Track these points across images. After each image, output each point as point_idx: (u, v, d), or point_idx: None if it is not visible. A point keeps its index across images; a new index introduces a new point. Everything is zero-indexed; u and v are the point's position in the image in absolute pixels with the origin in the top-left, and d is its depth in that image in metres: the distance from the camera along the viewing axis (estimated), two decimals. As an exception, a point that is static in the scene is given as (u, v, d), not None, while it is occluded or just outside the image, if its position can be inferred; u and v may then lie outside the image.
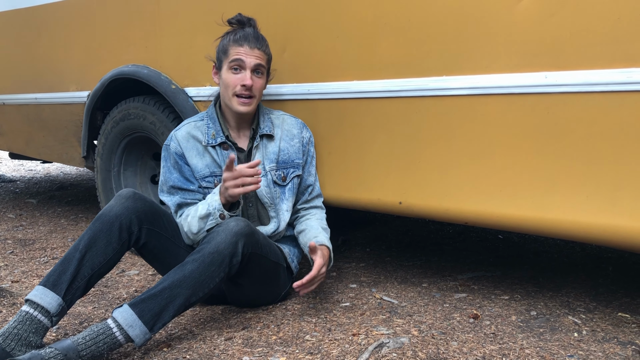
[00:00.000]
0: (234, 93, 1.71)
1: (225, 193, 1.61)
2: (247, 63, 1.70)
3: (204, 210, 1.65)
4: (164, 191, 1.79)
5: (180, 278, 1.45)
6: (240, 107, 1.72)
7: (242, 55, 1.70)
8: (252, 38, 1.71)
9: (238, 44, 1.71)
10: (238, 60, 1.70)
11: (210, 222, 1.65)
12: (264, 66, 1.75)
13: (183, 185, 1.76)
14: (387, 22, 1.67)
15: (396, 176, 1.72)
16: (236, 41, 1.71)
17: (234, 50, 1.71)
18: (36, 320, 1.43)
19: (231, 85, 1.71)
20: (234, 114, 1.77)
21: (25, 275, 2.20)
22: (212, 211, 1.64)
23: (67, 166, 5.89)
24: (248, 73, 1.70)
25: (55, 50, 2.77)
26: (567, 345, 1.45)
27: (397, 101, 1.69)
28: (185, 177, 1.77)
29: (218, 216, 1.63)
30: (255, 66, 1.71)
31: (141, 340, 1.41)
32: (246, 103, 1.72)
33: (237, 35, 1.72)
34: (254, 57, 1.71)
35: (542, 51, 1.43)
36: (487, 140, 1.55)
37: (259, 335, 1.56)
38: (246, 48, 1.70)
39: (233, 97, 1.72)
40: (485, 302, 1.76)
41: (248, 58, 1.70)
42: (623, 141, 1.35)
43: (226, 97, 1.74)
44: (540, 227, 1.51)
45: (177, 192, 1.77)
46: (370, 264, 2.24)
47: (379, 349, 1.42)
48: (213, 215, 1.64)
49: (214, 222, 1.64)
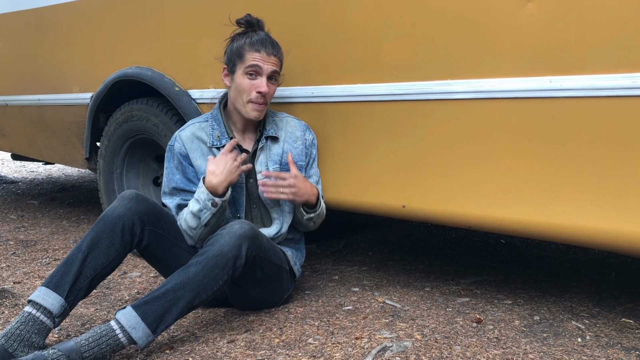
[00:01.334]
0: (249, 99, 1.71)
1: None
2: (265, 70, 1.69)
3: (195, 206, 1.65)
4: (166, 193, 1.79)
5: (183, 280, 1.45)
6: (253, 114, 1.72)
7: (259, 62, 1.68)
8: (269, 44, 1.70)
9: (255, 49, 1.69)
10: (255, 66, 1.69)
11: (205, 215, 1.64)
12: (278, 73, 1.74)
13: (185, 187, 1.76)
14: (391, 26, 1.67)
15: (400, 179, 1.72)
16: (252, 45, 1.69)
17: (251, 55, 1.69)
18: (39, 321, 1.43)
19: (246, 91, 1.70)
20: (242, 118, 1.77)
21: (27, 276, 2.20)
22: (203, 203, 1.63)
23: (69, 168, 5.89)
24: (264, 80, 1.69)
25: (58, 52, 2.77)
26: (570, 350, 1.45)
27: (401, 104, 1.69)
28: (188, 178, 1.77)
29: (210, 205, 1.63)
30: (271, 73, 1.71)
31: (144, 342, 1.41)
32: (260, 110, 1.72)
33: (252, 39, 1.70)
34: (271, 64, 1.70)
35: (547, 55, 1.43)
36: (491, 145, 1.54)
37: (261, 338, 1.55)
38: (263, 54, 1.69)
39: (248, 104, 1.71)
40: (488, 307, 1.76)
41: (265, 65, 1.69)
42: (628, 146, 1.34)
43: (239, 102, 1.73)
44: (544, 231, 1.51)
45: (178, 194, 1.77)
46: (372, 268, 2.24)
47: (382, 352, 1.42)
48: (204, 206, 1.63)
49: (207, 213, 1.64)
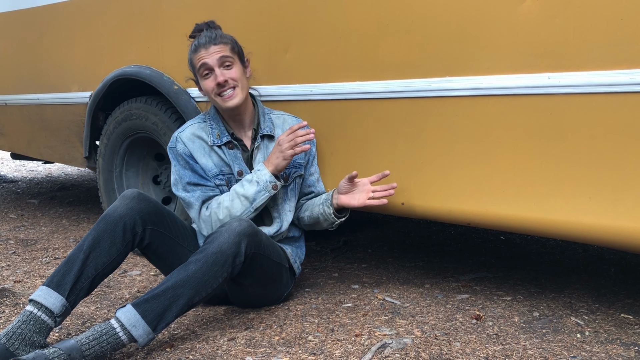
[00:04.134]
0: (215, 94, 1.73)
1: (279, 158, 1.67)
2: (211, 62, 1.71)
3: (252, 189, 1.67)
4: (179, 188, 1.77)
5: (183, 278, 1.46)
6: (227, 103, 1.72)
7: (203, 59, 1.71)
8: (204, 39, 1.73)
9: (196, 52, 1.73)
10: (203, 65, 1.72)
11: (262, 197, 1.67)
12: (229, 55, 1.74)
13: (199, 181, 1.75)
14: (389, 23, 1.67)
15: (399, 177, 1.72)
16: (194, 51, 1.74)
17: (196, 58, 1.73)
18: (40, 320, 1.43)
19: (209, 90, 1.73)
20: (229, 113, 1.77)
21: (27, 276, 2.20)
22: (264, 184, 1.67)
23: (68, 167, 5.89)
24: (217, 70, 1.71)
25: (57, 51, 2.77)
26: (569, 346, 1.45)
27: (400, 102, 1.69)
28: (198, 174, 1.76)
29: (271, 188, 1.67)
30: (219, 61, 1.71)
31: (144, 340, 1.41)
32: (231, 96, 1.72)
33: (192, 45, 1.75)
34: (214, 53, 1.71)
35: (545, 52, 1.43)
36: (490, 141, 1.55)
37: (261, 335, 1.56)
38: (203, 51, 1.72)
39: (217, 98, 1.73)
40: (488, 303, 1.76)
41: (209, 58, 1.71)
42: (626, 142, 1.35)
43: (215, 102, 1.76)
44: (543, 228, 1.51)
45: (196, 188, 1.75)
46: (372, 265, 2.24)
47: (382, 349, 1.43)
48: (265, 188, 1.67)
49: (266, 195, 1.67)
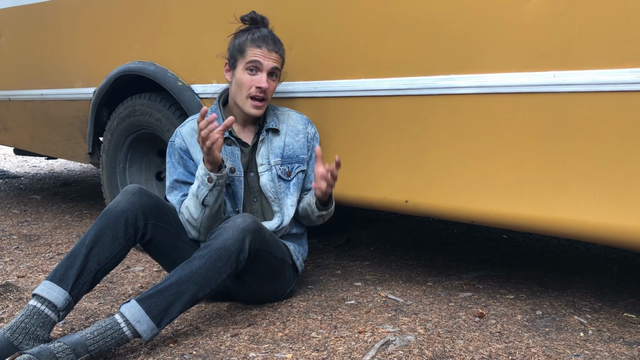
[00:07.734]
0: (249, 95, 1.71)
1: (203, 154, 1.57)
2: (265, 65, 1.70)
3: (195, 184, 1.64)
4: (169, 188, 1.79)
5: (187, 274, 1.46)
6: (252, 110, 1.73)
7: (260, 57, 1.70)
8: (270, 40, 1.71)
9: (256, 45, 1.70)
10: (255, 62, 1.70)
11: (202, 192, 1.62)
12: (279, 69, 1.75)
13: (187, 179, 1.76)
14: (394, 20, 1.67)
15: (403, 174, 1.72)
16: (254, 41, 1.70)
17: (252, 51, 1.70)
18: (43, 314, 1.44)
19: (246, 86, 1.71)
20: (242, 113, 1.77)
21: (30, 270, 2.21)
22: (201, 179, 1.61)
23: (71, 163, 5.90)
24: (264, 76, 1.70)
25: (61, 47, 2.77)
26: (573, 344, 1.45)
27: (404, 99, 1.69)
28: (189, 171, 1.77)
29: (206, 181, 1.60)
30: (271, 69, 1.72)
31: (148, 335, 1.41)
32: (259, 107, 1.73)
33: (254, 35, 1.72)
34: (271, 60, 1.71)
35: (550, 50, 1.43)
36: (494, 140, 1.55)
37: (265, 331, 1.56)
38: (264, 50, 1.70)
39: (247, 100, 1.72)
40: (491, 301, 1.76)
41: (265, 60, 1.70)
42: (631, 141, 1.35)
43: (238, 97, 1.74)
44: (547, 226, 1.51)
45: (180, 187, 1.77)
46: (374, 263, 2.24)
47: (385, 346, 1.43)
48: (202, 182, 1.61)
49: (204, 189, 1.61)
